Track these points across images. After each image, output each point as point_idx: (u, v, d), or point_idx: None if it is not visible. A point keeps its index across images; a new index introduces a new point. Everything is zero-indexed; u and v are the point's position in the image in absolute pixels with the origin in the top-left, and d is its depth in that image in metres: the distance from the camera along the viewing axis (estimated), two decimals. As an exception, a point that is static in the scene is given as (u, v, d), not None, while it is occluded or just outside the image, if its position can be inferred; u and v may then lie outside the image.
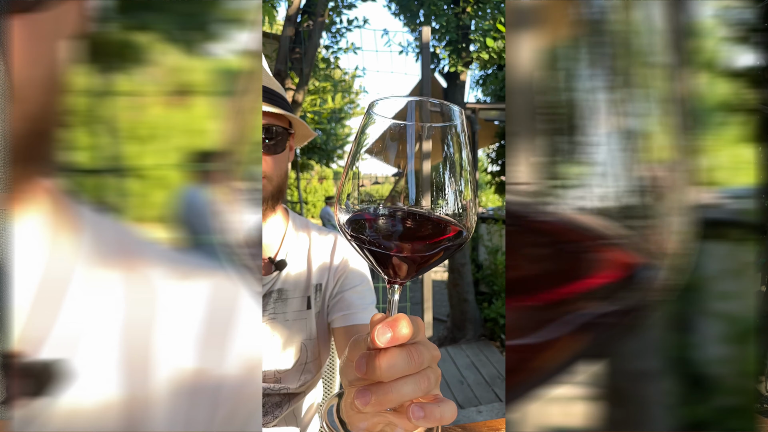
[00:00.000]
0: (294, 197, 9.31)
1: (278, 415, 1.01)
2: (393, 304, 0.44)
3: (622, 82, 0.25)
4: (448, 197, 0.40)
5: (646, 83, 0.25)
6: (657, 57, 0.25)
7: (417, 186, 0.39)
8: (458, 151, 0.40)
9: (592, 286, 0.25)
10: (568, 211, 0.24)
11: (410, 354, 0.40)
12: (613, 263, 0.26)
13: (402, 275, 0.43)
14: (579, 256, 0.25)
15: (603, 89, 0.25)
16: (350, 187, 0.41)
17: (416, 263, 0.42)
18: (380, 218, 0.40)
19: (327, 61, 4.87)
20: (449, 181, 0.40)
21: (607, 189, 0.24)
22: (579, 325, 0.26)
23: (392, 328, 0.40)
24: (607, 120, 0.25)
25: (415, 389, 0.40)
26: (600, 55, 0.25)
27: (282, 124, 0.95)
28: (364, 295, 1.03)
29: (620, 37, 0.25)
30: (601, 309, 0.26)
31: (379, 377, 0.39)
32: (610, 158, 0.25)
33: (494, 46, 4.11)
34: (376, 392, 0.39)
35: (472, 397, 3.58)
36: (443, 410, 0.41)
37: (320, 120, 7.28)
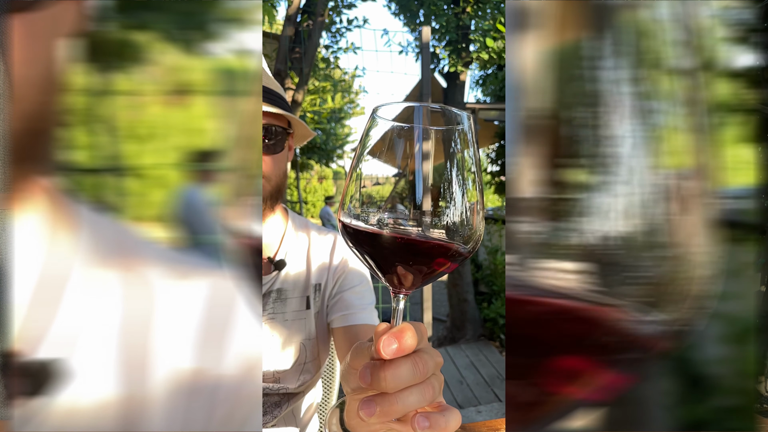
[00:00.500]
0: (294, 197, 9.30)
1: (277, 415, 1.00)
2: (398, 313, 0.44)
3: (635, 84, 0.25)
4: (458, 203, 0.39)
5: (661, 86, 0.25)
6: (671, 60, 0.25)
7: (423, 192, 0.39)
8: (467, 155, 0.40)
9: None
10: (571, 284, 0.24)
11: (415, 364, 0.40)
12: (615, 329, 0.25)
13: (407, 285, 0.42)
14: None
15: (618, 90, 0.24)
16: (353, 190, 0.41)
17: (422, 273, 0.41)
18: (385, 226, 0.40)
19: (327, 61, 4.87)
20: (457, 188, 0.39)
21: (620, 197, 0.24)
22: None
23: (398, 339, 0.40)
24: (621, 122, 0.24)
25: (420, 399, 0.40)
26: (613, 55, 0.24)
27: (281, 123, 0.95)
28: (364, 296, 1.03)
29: (631, 39, 0.25)
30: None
31: (385, 388, 0.39)
32: (626, 163, 0.24)
33: (494, 46, 4.11)
34: (381, 403, 0.39)
35: (471, 397, 3.58)
36: (448, 419, 0.41)
37: (320, 120, 7.28)
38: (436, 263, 0.40)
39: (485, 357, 4.42)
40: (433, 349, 0.44)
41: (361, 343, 0.45)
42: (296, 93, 3.37)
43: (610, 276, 0.24)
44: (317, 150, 9.30)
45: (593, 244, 0.24)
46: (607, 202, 0.24)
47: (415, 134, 0.39)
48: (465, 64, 4.72)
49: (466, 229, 0.39)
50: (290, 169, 5.82)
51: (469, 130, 0.40)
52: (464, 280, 4.97)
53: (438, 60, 4.86)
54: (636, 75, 0.25)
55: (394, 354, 0.39)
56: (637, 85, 0.25)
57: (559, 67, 0.25)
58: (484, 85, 7.94)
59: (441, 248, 0.40)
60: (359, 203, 0.41)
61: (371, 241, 0.40)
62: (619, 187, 0.24)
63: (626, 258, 0.24)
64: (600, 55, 0.24)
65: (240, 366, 0.44)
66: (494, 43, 4.10)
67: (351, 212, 0.41)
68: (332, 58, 4.85)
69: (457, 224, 0.39)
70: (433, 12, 4.48)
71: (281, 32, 3.43)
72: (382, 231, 0.39)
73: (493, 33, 4.11)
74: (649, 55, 0.25)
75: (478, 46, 4.32)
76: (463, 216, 0.39)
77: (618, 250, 0.24)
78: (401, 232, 0.39)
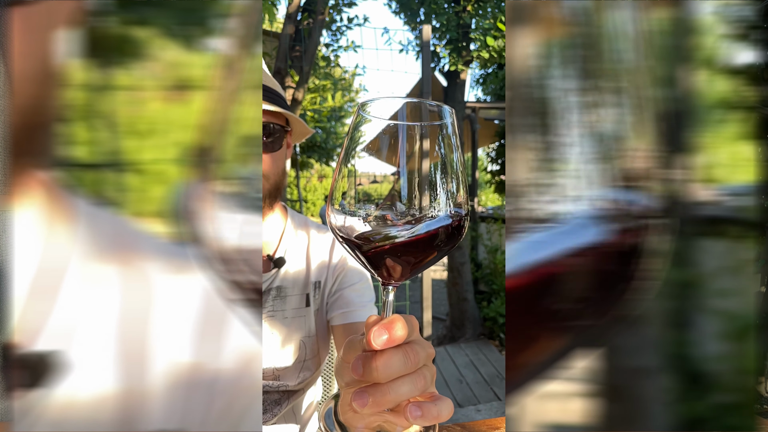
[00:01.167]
0: (294, 195, 9.30)
1: (277, 412, 1.00)
2: (388, 305, 0.44)
3: (594, 84, 0.25)
4: (440, 196, 0.40)
5: (620, 86, 0.25)
6: (630, 60, 0.25)
7: (409, 185, 0.39)
8: (450, 150, 0.40)
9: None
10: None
11: (406, 354, 0.40)
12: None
13: (396, 276, 0.43)
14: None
15: (576, 91, 0.25)
16: (345, 186, 0.41)
17: (410, 264, 0.42)
18: (371, 220, 0.40)
19: (327, 59, 4.87)
20: (441, 180, 0.40)
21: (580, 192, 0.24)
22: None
23: (388, 329, 0.40)
24: (579, 122, 0.25)
25: (412, 389, 0.40)
26: (573, 57, 0.25)
27: (279, 122, 0.95)
28: (363, 293, 1.03)
29: (593, 40, 0.25)
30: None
31: (376, 379, 0.39)
32: (582, 160, 0.25)
33: (494, 45, 4.11)
34: (373, 394, 0.39)
35: (471, 396, 3.58)
36: (440, 408, 0.42)
37: (320, 118, 7.28)
38: (423, 254, 0.41)
39: (485, 356, 4.42)
40: (424, 341, 0.44)
41: (354, 337, 0.45)
42: (296, 91, 3.37)
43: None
44: (317, 148, 9.29)
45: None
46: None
47: (400, 131, 0.39)
48: (465, 63, 4.71)
49: (452, 218, 0.40)
50: (290, 167, 5.81)
51: (451, 123, 0.41)
52: (464, 279, 4.97)
53: (438, 59, 4.86)
54: (585, 83, 0.25)
55: (384, 344, 0.40)
56: (584, 94, 0.25)
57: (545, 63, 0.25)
58: (485, 84, 7.94)
59: (427, 239, 0.40)
60: (355, 200, 0.41)
61: (360, 229, 0.41)
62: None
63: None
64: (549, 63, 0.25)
65: (238, 359, 0.44)
66: (495, 41, 4.10)
67: (344, 208, 0.41)
68: (332, 56, 4.85)
69: (441, 213, 0.40)
70: (433, 10, 4.48)
71: (281, 30, 3.43)
72: (369, 218, 0.40)
73: (494, 32, 4.11)
74: (599, 58, 0.25)
75: (478, 44, 4.31)
76: (447, 204, 0.40)
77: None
78: (389, 217, 0.40)
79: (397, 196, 0.40)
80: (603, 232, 0.25)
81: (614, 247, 0.26)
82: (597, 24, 0.25)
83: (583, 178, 0.25)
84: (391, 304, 0.44)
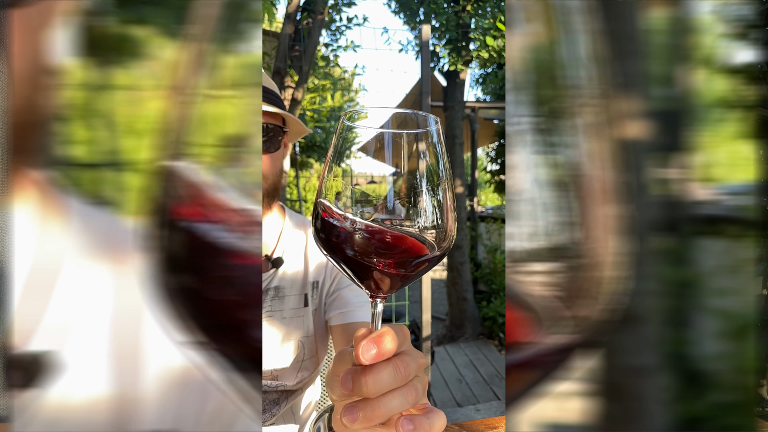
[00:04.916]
0: (293, 195, 9.29)
1: (276, 412, 1.00)
2: (376, 317, 0.43)
3: (547, 111, 0.25)
4: (426, 206, 0.39)
5: (572, 113, 0.25)
6: (583, 87, 0.25)
7: (393, 196, 0.39)
8: (436, 158, 0.40)
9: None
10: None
11: (396, 367, 0.40)
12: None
13: (384, 289, 0.42)
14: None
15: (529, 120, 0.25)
16: (335, 188, 0.41)
17: (399, 277, 0.41)
18: (357, 232, 0.39)
19: (326, 59, 4.86)
20: (426, 190, 0.39)
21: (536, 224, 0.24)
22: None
23: (377, 344, 0.39)
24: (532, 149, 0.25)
25: (403, 402, 0.40)
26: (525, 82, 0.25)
27: (276, 122, 0.95)
28: (361, 293, 1.03)
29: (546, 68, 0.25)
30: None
31: (366, 394, 0.39)
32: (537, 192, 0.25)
33: (494, 45, 4.11)
34: (363, 408, 0.39)
35: (470, 396, 3.58)
36: (432, 421, 0.41)
37: (320, 118, 7.27)
38: (411, 259, 0.40)
39: (484, 356, 4.42)
40: (416, 351, 0.43)
41: (344, 350, 0.45)
42: (296, 91, 3.36)
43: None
44: (317, 148, 9.28)
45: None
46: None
47: (385, 139, 0.39)
48: (465, 63, 4.71)
49: (439, 231, 0.39)
50: (290, 167, 5.80)
51: (437, 132, 0.41)
52: (463, 279, 4.97)
53: (438, 58, 4.86)
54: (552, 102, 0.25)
55: (373, 359, 0.39)
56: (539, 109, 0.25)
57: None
58: (484, 84, 7.94)
59: (414, 250, 0.40)
60: (352, 202, 0.41)
61: (346, 241, 0.39)
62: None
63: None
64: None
65: None
66: (494, 41, 4.09)
67: (323, 216, 0.40)
68: (332, 56, 4.84)
69: (428, 226, 0.39)
70: (433, 10, 4.48)
71: (281, 30, 3.43)
72: (355, 231, 0.39)
73: (493, 32, 4.10)
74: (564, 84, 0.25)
75: (478, 44, 4.31)
76: (435, 217, 0.39)
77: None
78: (375, 230, 0.39)
79: (381, 206, 0.39)
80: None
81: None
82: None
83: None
84: (380, 315, 0.44)
